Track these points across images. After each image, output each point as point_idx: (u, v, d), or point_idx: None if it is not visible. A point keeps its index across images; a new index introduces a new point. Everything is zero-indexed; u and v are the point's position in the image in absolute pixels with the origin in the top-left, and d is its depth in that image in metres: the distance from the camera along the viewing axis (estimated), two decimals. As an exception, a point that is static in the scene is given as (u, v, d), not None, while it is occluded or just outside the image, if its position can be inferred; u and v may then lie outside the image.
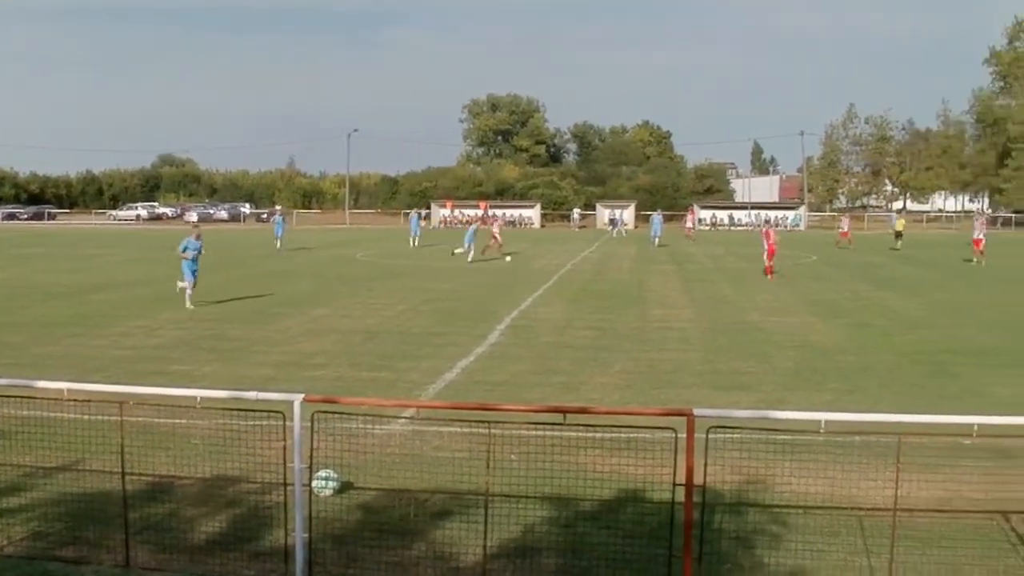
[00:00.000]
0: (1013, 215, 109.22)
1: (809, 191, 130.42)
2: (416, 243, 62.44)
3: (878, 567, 8.75)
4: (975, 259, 48.60)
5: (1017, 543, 9.58)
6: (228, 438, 10.22)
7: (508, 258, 49.15)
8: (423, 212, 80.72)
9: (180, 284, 28.21)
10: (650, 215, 74.42)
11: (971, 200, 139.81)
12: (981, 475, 10.88)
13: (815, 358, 20.19)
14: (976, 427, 8.40)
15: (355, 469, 10.83)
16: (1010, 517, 10.07)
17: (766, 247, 41.63)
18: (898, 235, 63.48)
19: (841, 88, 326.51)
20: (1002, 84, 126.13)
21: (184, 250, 28.03)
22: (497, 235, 51.97)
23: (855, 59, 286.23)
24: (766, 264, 41.15)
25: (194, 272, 27.97)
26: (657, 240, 65.66)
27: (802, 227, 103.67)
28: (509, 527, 9.26)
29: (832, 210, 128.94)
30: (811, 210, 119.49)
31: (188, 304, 27.33)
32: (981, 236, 50.15)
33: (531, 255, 54.62)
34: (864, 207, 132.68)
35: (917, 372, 18.80)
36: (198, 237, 28.70)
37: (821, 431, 8.37)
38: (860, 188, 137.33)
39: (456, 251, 49.01)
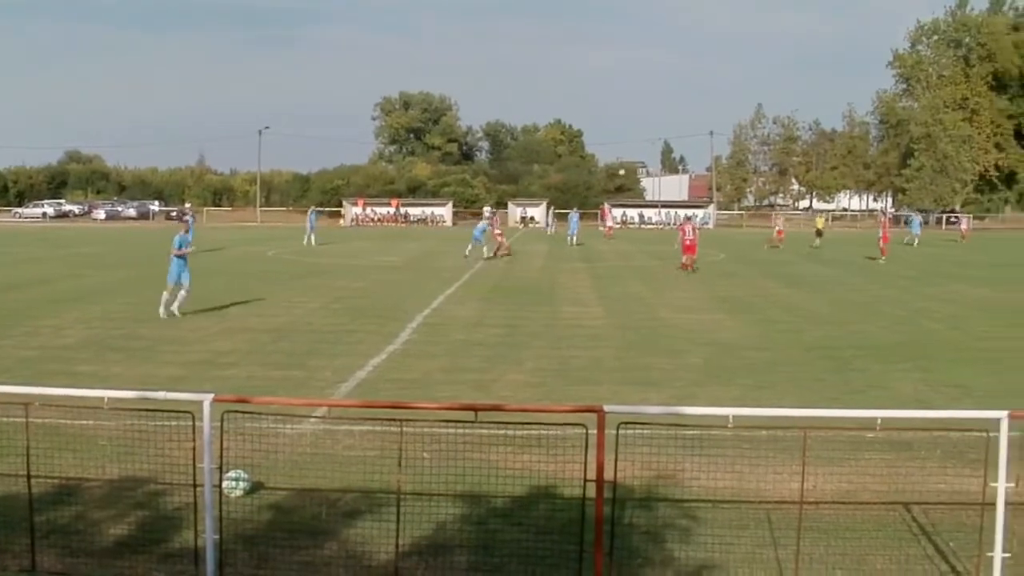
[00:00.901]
0: (906, 214, 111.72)
1: (718, 190, 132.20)
2: (312, 241, 61.52)
3: (785, 559, 8.90)
4: (881, 258, 49.57)
5: (918, 533, 9.81)
6: (136, 439, 10.08)
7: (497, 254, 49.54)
8: (320, 210, 79.07)
9: (182, 292, 25.46)
10: (567, 213, 74.73)
11: (875, 199, 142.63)
12: (884, 467, 11.15)
13: (724, 354, 20.46)
14: (879, 421, 8.58)
15: (266, 469, 10.77)
16: (911, 508, 10.33)
17: (679, 240, 42.23)
18: (819, 233, 64.88)
19: (750, 89, 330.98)
20: (904, 86, 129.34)
21: (181, 246, 25.70)
22: (498, 236, 51.82)
23: (764, 60, 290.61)
24: (682, 260, 41.74)
25: (180, 273, 25.47)
26: (574, 238, 65.89)
27: (711, 225, 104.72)
28: (421, 525, 9.26)
29: (740, 208, 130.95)
30: (719, 209, 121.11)
31: (175, 310, 25.05)
32: (886, 234, 51.34)
33: (443, 253, 54.57)
34: (771, 206, 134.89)
35: (823, 368, 19.13)
36: (187, 231, 26.73)
37: (729, 426, 8.47)
38: (767, 187, 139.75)
39: (485, 253, 48.46)
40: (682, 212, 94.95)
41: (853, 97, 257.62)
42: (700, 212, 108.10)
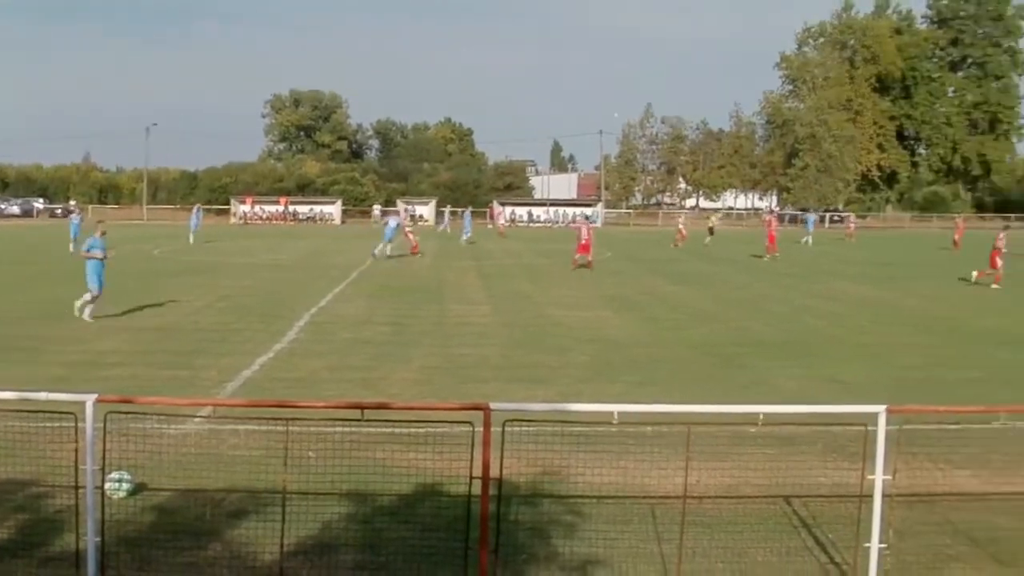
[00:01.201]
0: (800, 212, 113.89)
1: (606, 188, 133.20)
2: (193, 239, 60.71)
3: (669, 553, 9.05)
4: (767, 256, 50.44)
5: (799, 525, 10.07)
6: (17, 441, 9.90)
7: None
8: (202, 208, 76.74)
9: (86, 295, 24.06)
10: (458, 211, 75.10)
11: (760, 198, 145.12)
12: (765, 462, 11.36)
13: (610, 351, 20.68)
14: (761, 416, 8.75)
15: (149, 470, 10.65)
16: (792, 501, 10.59)
17: (577, 239, 42.84)
18: (711, 231, 65.69)
19: (639, 89, 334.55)
20: (791, 87, 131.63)
21: (89, 249, 24.43)
22: (411, 235, 51.49)
23: (653, 61, 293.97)
24: (575, 257, 42.26)
25: (100, 277, 24.20)
26: (466, 237, 65.88)
27: (599, 224, 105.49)
28: (307, 524, 9.25)
29: (628, 207, 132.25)
30: (608, 207, 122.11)
31: (86, 315, 23.83)
32: (772, 232, 52.31)
33: (331, 251, 54.28)
34: (658, 204, 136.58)
35: (707, 364, 19.46)
36: (103, 234, 25.00)
37: (614, 422, 8.56)
38: (655, 186, 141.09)
39: (376, 251, 48.06)
40: (571, 211, 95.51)
41: (740, 98, 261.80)
42: (589, 211, 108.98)
